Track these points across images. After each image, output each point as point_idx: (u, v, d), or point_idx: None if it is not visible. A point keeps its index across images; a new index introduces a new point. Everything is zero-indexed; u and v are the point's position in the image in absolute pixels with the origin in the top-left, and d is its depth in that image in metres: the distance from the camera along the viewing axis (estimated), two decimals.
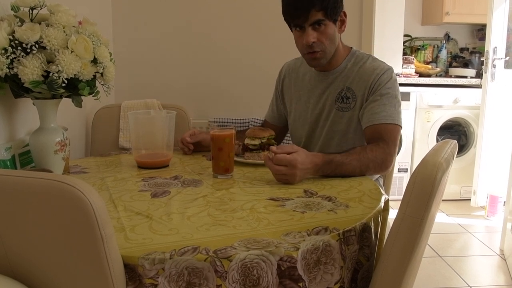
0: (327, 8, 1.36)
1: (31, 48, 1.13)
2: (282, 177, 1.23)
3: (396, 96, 1.43)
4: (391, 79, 1.43)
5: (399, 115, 1.42)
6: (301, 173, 1.23)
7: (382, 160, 1.34)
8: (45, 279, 0.79)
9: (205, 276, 0.77)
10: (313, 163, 1.25)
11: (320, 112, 1.55)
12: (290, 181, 1.22)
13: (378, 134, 1.39)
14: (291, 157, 1.21)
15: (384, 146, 1.36)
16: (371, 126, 1.41)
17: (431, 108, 3.24)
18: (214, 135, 1.30)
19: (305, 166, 1.24)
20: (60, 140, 1.28)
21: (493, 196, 3.00)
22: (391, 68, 1.46)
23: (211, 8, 2.60)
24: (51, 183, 0.70)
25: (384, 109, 1.40)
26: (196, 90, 2.68)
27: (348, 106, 1.48)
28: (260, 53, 2.64)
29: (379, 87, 1.42)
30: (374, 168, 1.34)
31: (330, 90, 1.52)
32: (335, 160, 1.28)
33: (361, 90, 1.45)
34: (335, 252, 0.87)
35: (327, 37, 1.41)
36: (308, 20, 1.37)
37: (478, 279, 2.20)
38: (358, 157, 1.31)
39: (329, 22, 1.39)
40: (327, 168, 1.27)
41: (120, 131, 2.06)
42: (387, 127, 1.39)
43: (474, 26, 3.85)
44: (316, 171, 1.27)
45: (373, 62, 1.48)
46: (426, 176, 0.83)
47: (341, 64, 1.51)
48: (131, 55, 2.61)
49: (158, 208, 1.03)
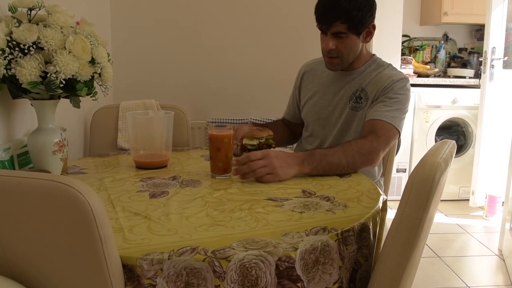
0: (352, 22, 1.40)
1: (29, 48, 1.13)
2: (263, 170, 1.22)
3: (404, 103, 1.44)
4: (403, 87, 1.46)
5: (401, 121, 1.43)
6: (281, 164, 1.23)
7: (368, 151, 1.33)
8: (43, 279, 0.79)
9: (204, 277, 0.77)
10: (292, 156, 1.27)
11: (333, 110, 1.57)
12: (273, 173, 1.22)
13: (372, 128, 1.39)
14: (263, 151, 1.25)
15: (373, 139, 1.35)
16: (369, 121, 1.42)
17: (429, 108, 3.24)
18: (212, 135, 1.29)
19: (283, 159, 1.24)
20: (58, 141, 1.28)
21: (492, 196, 3.00)
22: (407, 78, 1.49)
23: (210, 8, 2.60)
24: (50, 184, 0.70)
25: (388, 110, 1.42)
26: (194, 91, 2.68)
27: (360, 106, 1.51)
28: (259, 54, 2.64)
29: (390, 91, 1.45)
30: (361, 160, 1.33)
31: (346, 89, 1.55)
32: (317, 152, 1.29)
33: (373, 91, 1.48)
34: (334, 252, 0.87)
35: (346, 47, 1.45)
36: (331, 29, 1.42)
37: (477, 279, 2.20)
38: (343, 149, 1.31)
39: (352, 34, 1.43)
40: (311, 160, 1.27)
41: (118, 132, 2.06)
42: (384, 124, 1.39)
43: (473, 26, 3.85)
44: (301, 164, 1.26)
45: (392, 70, 1.52)
46: (425, 176, 0.83)
47: (361, 67, 1.55)
48: (129, 56, 2.60)
49: (157, 208, 1.03)
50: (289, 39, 2.62)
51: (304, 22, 2.57)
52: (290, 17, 2.62)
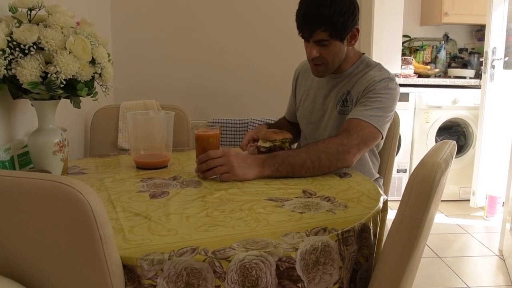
0: (333, 29, 1.35)
1: (29, 49, 1.13)
2: (221, 169, 1.22)
3: (385, 103, 1.38)
4: (386, 87, 1.39)
5: (381, 120, 1.36)
6: (239, 163, 1.22)
7: (336, 151, 1.28)
8: (43, 279, 0.79)
9: (204, 277, 0.77)
10: (253, 157, 1.26)
11: (323, 114, 1.56)
12: (230, 172, 1.22)
13: (346, 126, 1.35)
14: (223, 149, 1.24)
15: (344, 137, 1.30)
16: (346, 121, 1.38)
17: (430, 108, 3.24)
18: (198, 135, 1.29)
19: (243, 158, 1.24)
20: (59, 141, 1.28)
21: (492, 196, 3.00)
22: (391, 78, 1.43)
23: (210, 8, 2.60)
24: (50, 184, 0.70)
25: (366, 109, 1.36)
26: (195, 91, 2.68)
27: (347, 110, 1.47)
28: (259, 54, 2.64)
29: (370, 92, 1.40)
30: (328, 160, 1.27)
31: (334, 92, 1.52)
32: (279, 154, 1.28)
33: (356, 94, 1.45)
34: (334, 253, 0.87)
35: (330, 53, 1.41)
36: (313, 37, 1.39)
37: (477, 280, 2.20)
38: (307, 149, 1.28)
39: (335, 41, 1.39)
40: (272, 162, 1.25)
41: (119, 132, 2.06)
42: (359, 123, 1.33)
43: (473, 26, 3.85)
44: (261, 166, 1.25)
45: (377, 71, 1.46)
46: (425, 177, 0.83)
47: (349, 69, 1.51)
48: (130, 56, 2.61)
49: (157, 208, 1.03)
50: (289, 39, 2.61)
51: None
52: (290, 17, 2.61)
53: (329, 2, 1.33)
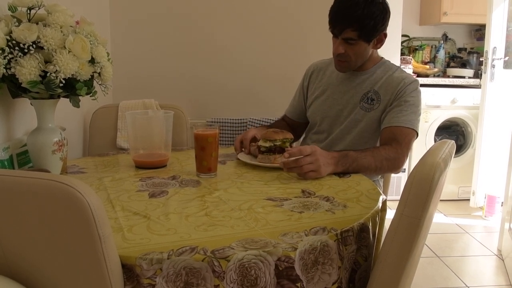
0: (363, 30, 1.42)
1: (29, 48, 1.13)
2: (309, 167, 1.24)
3: (417, 105, 1.49)
4: (415, 89, 1.50)
5: (418, 122, 1.48)
6: (324, 162, 1.27)
7: (394, 158, 1.38)
8: (43, 279, 0.79)
9: (203, 276, 0.77)
10: (331, 155, 1.30)
11: (342, 108, 1.60)
12: (317, 170, 1.25)
13: (392, 135, 1.44)
14: (311, 146, 1.27)
15: (397, 146, 1.40)
16: (388, 128, 1.46)
17: (429, 108, 3.24)
18: (197, 134, 1.29)
19: (326, 156, 1.28)
20: (58, 140, 1.28)
21: (491, 196, 3.00)
22: (417, 81, 1.53)
23: (210, 8, 2.60)
24: (49, 183, 0.70)
25: (405, 114, 1.45)
26: (194, 90, 2.68)
27: (372, 107, 1.54)
28: (259, 54, 2.64)
29: (404, 94, 1.49)
30: (387, 166, 1.37)
31: (357, 89, 1.58)
32: (350, 154, 1.33)
33: (387, 95, 1.52)
34: (333, 252, 0.87)
35: (355, 53, 1.49)
36: (342, 35, 1.45)
37: (476, 279, 2.20)
38: (372, 154, 1.35)
39: (362, 41, 1.46)
40: (345, 162, 1.31)
41: (118, 131, 2.06)
42: (403, 130, 1.44)
43: (472, 26, 3.85)
44: (336, 164, 1.30)
45: (402, 73, 1.56)
46: (424, 176, 0.83)
47: (371, 69, 1.58)
48: (129, 55, 2.60)
49: (156, 208, 1.03)
50: (290, 39, 2.61)
51: (307, 21, 2.57)
52: (291, 16, 2.62)
53: (364, 3, 1.40)
